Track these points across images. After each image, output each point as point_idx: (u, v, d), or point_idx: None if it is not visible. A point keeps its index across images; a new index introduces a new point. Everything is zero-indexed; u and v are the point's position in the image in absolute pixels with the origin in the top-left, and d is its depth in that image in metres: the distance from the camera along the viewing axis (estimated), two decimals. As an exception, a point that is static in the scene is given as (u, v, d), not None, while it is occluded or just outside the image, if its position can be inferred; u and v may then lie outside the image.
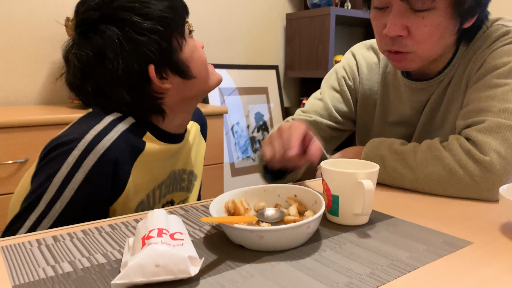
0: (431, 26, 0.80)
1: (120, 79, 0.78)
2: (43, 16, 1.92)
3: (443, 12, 0.79)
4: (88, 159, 0.74)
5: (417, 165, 0.80)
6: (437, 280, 0.49)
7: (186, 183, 1.00)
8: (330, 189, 0.65)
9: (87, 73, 0.80)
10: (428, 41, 0.82)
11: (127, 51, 0.77)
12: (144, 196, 0.85)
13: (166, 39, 0.79)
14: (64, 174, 0.73)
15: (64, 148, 0.75)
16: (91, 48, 0.78)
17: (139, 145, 0.81)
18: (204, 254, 0.56)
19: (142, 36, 0.77)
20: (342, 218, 0.65)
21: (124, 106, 0.81)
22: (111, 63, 0.77)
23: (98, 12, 0.78)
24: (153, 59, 0.78)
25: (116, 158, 0.76)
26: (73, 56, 0.80)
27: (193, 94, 0.87)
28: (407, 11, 0.80)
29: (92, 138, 0.75)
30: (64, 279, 0.49)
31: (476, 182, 0.76)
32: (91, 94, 0.81)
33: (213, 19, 2.45)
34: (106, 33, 0.77)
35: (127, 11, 0.77)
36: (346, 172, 0.63)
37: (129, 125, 0.80)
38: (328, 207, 0.67)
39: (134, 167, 0.81)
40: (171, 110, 0.85)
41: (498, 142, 0.76)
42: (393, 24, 0.81)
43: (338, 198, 0.65)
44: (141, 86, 0.80)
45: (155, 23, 0.78)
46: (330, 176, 0.65)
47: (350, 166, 0.70)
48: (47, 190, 0.73)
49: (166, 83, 0.81)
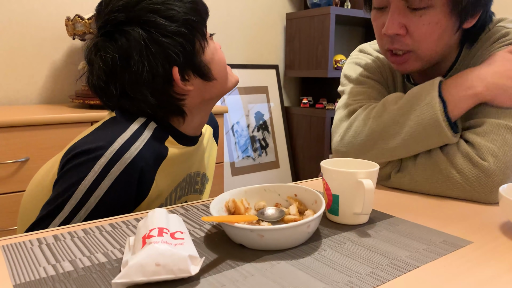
0: (429, 25, 0.80)
1: (144, 81, 0.78)
2: (43, 16, 1.92)
3: (441, 10, 0.79)
4: (115, 167, 0.74)
5: (416, 169, 0.80)
6: (437, 279, 0.49)
7: (199, 186, 1.00)
8: (330, 188, 0.65)
9: (111, 75, 0.79)
10: (427, 39, 0.81)
11: (152, 53, 0.77)
12: (163, 200, 0.86)
13: (190, 41, 0.80)
14: (90, 181, 0.73)
15: (90, 155, 0.74)
16: (117, 50, 0.78)
17: (163, 152, 0.82)
18: (205, 253, 0.56)
19: (167, 38, 0.77)
20: (342, 218, 0.66)
21: (148, 108, 0.81)
22: (136, 64, 0.77)
23: (123, 14, 0.78)
24: (177, 61, 0.79)
25: (142, 167, 0.76)
26: (98, 58, 0.79)
27: (212, 95, 0.87)
28: (405, 9, 0.80)
29: (120, 147, 0.74)
30: (64, 278, 0.50)
31: (473, 187, 0.75)
32: (114, 96, 0.81)
33: (213, 19, 2.45)
34: (132, 35, 0.77)
35: (152, 13, 0.77)
36: (346, 171, 0.64)
37: (153, 131, 0.81)
38: (328, 206, 0.67)
39: (158, 173, 0.81)
40: (191, 111, 0.86)
41: (497, 145, 0.75)
42: (391, 23, 0.81)
43: (338, 198, 0.65)
44: (164, 88, 0.80)
45: (180, 25, 0.78)
46: (330, 176, 0.65)
47: (350, 166, 0.71)
48: (71, 197, 0.73)
49: (188, 85, 0.82)
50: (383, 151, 0.82)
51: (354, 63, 1.00)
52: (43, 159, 1.49)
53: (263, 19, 2.66)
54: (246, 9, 2.58)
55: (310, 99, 2.77)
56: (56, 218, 0.73)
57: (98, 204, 0.74)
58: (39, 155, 1.49)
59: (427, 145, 0.79)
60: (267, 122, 2.66)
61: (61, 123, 1.52)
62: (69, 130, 1.54)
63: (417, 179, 0.80)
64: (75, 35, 1.77)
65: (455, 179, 0.76)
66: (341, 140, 0.87)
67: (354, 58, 1.02)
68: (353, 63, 1.00)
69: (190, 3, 0.80)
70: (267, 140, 2.65)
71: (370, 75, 0.96)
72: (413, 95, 0.80)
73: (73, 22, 1.74)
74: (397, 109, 0.81)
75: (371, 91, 0.93)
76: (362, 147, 0.84)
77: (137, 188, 0.77)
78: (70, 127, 1.54)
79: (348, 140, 0.86)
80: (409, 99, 0.80)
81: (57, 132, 1.52)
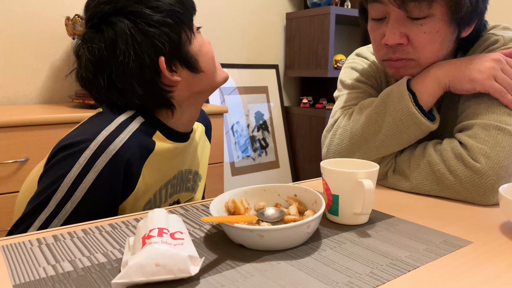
0: (430, 33, 0.81)
1: (131, 70, 0.79)
2: (43, 16, 1.92)
3: (441, 19, 0.80)
4: (100, 159, 0.74)
5: (411, 172, 0.81)
6: (437, 279, 0.49)
7: (191, 184, 1.00)
8: (330, 188, 0.65)
9: (99, 66, 0.80)
10: (428, 48, 0.82)
11: (138, 43, 0.78)
12: (152, 195, 0.86)
13: (176, 31, 0.81)
14: (75, 174, 0.73)
15: (75, 148, 0.75)
16: (103, 40, 0.79)
17: (150, 145, 0.82)
18: (204, 254, 0.56)
19: (153, 28, 0.79)
20: (342, 218, 0.65)
21: (136, 99, 0.81)
22: (122, 54, 0.78)
23: (109, 5, 0.79)
24: (163, 51, 0.80)
25: (127, 159, 0.76)
26: (85, 50, 0.81)
27: (201, 88, 0.88)
28: (405, 19, 0.81)
29: (104, 139, 0.75)
30: (64, 278, 0.50)
31: (466, 188, 0.75)
32: (103, 88, 0.81)
33: (213, 19, 2.45)
34: (118, 25, 0.78)
35: (138, 3, 0.79)
36: (346, 171, 0.64)
37: (139, 124, 0.81)
38: (328, 206, 0.67)
39: (145, 167, 0.81)
40: (180, 104, 0.87)
41: (489, 146, 0.75)
42: (392, 33, 0.81)
43: (338, 198, 0.65)
44: (152, 78, 0.81)
45: (165, 15, 0.80)
46: (330, 176, 0.65)
47: (350, 166, 0.71)
48: (57, 191, 0.73)
49: (175, 75, 0.83)
50: (369, 150, 0.84)
51: (350, 68, 1.02)
52: (42, 159, 1.49)
53: (263, 19, 2.66)
54: (246, 9, 2.58)
55: (310, 99, 2.77)
56: (42, 213, 0.73)
57: (83, 197, 0.74)
58: (38, 155, 1.49)
59: (409, 136, 0.82)
60: (267, 122, 2.66)
61: (61, 123, 1.52)
62: (69, 130, 1.53)
63: (413, 181, 0.81)
64: (75, 35, 1.77)
65: (449, 181, 0.76)
66: (328, 150, 0.90)
67: (351, 62, 1.03)
68: (349, 68, 1.02)
69: None
70: (267, 140, 2.65)
71: (364, 80, 0.98)
72: (385, 94, 0.84)
73: (73, 22, 1.74)
74: (373, 109, 0.84)
75: (364, 97, 0.94)
76: (349, 152, 0.86)
77: (123, 181, 0.77)
78: (70, 127, 1.54)
79: (334, 148, 0.89)
80: (383, 99, 0.84)
81: (57, 132, 1.52)
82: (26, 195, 0.82)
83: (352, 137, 0.86)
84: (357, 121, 0.86)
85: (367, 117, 0.84)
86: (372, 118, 0.84)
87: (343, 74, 1.02)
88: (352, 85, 0.97)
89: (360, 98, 0.94)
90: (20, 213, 0.82)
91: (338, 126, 0.89)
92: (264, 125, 2.64)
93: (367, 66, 0.99)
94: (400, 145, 0.83)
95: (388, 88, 0.85)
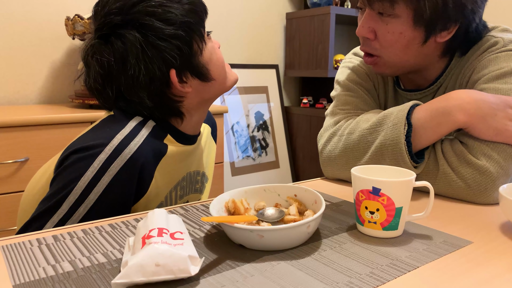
0: (393, 34, 0.82)
1: (141, 84, 0.78)
2: (43, 16, 1.92)
3: (405, 22, 0.81)
4: (115, 163, 0.74)
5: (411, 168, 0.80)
6: (437, 279, 0.49)
7: (199, 185, 1.00)
8: (394, 202, 0.59)
9: (108, 78, 0.79)
10: (392, 47, 0.84)
11: (148, 57, 0.77)
12: (163, 198, 0.86)
13: (187, 43, 0.79)
14: (89, 177, 0.73)
15: (89, 152, 0.74)
16: (113, 54, 0.77)
17: (162, 149, 0.82)
18: (204, 254, 0.56)
19: (163, 41, 0.77)
20: (400, 230, 0.61)
21: (144, 110, 0.81)
22: (132, 68, 0.77)
23: (119, 17, 0.77)
24: (174, 64, 0.78)
25: (142, 162, 0.76)
26: (94, 61, 0.79)
27: (211, 95, 0.87)
28: (376, 15, 0.83)
29: (119, 143, 0.74)
30: (64, 278, 0.50)
31: (468, 185, 0.75)
32: (111, 98, 0.81)
33: (213, 19, 2.45)
34: (128, 38, 0.76)
35: (149, 16, 0.77)
36: (406, 180, 0.60)
37: (151, 128, 0.81)
38: (386, 223, 0.60)
39: (157, 170, 0.81)
40: (189, 112, 0.86)
41: (490, 146, 0.75)
42: (361, 25, 0.85)
43: (401, 210, 0.60)
44: (162, 90, 0.80)
45: (177, 28, 0.77)
46: (390, 188, 0.59)
47: (382, 174, 0.66)
48: (70, 193, 0.73)
49: (186, 86, 0.82)
50: (357, 164, 0.84)
51: (346, 67, 1.02)
52: (42, 159, 1.49)
53: (263, 19, 2.66)
54: (246, 9, 2.58)
55: (310, 99, 2.77)
56: (54, 215, 0.73)
57: (97, 201, 0.74)
58: (38, 155, 1.49)
59: (392, 164, 0.77)
60: (267, 122, 2.66)
61: (60, 123, 1.52)
62: (69, 130, 1.54)
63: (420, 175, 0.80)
64: (75, 35, 1.77)
65: (451, 177, 0.76)
66: (321, 153, 0.91)
67: (347, 62, 1.03)
68: (345, 67, 1.02)
69: (188, 4, 0.80)
70: (267, 140, 2.65)
71: (360, 82, 0.97)
72: (384, 115, 0.81)
73: (73, 22, 1.74)
74: (368, 127, 0.83)
75: (359, 102, 0.94)
76: (337, 163, 0.88)
77: (136, 184, 0.77)
78: (69, 127, 1.54)
79: (326, 155, 0.90)
80: (380, 120, 0.82)
81: (57, 132, 1.52)
82: (31, 196, 0.82)
83: (344, 150, 0.86)
84: (350, 135, 0.85)
85: (360, 135, 0.83)
86: (365, 136, 0.83)
87: (340, 74, 1.02)
88: (348, 86, 0.97)
89: (355, 103, 0.94)
90: (26, 212, 0.82)
91: (334, 133, 0.89)
92: (264, 125, 2.64)
93: (363, 66, 0.99)
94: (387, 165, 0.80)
95: (392, 108, 0.82)
